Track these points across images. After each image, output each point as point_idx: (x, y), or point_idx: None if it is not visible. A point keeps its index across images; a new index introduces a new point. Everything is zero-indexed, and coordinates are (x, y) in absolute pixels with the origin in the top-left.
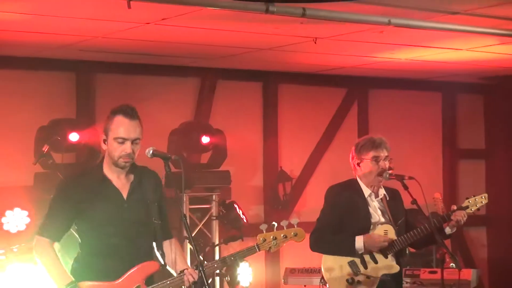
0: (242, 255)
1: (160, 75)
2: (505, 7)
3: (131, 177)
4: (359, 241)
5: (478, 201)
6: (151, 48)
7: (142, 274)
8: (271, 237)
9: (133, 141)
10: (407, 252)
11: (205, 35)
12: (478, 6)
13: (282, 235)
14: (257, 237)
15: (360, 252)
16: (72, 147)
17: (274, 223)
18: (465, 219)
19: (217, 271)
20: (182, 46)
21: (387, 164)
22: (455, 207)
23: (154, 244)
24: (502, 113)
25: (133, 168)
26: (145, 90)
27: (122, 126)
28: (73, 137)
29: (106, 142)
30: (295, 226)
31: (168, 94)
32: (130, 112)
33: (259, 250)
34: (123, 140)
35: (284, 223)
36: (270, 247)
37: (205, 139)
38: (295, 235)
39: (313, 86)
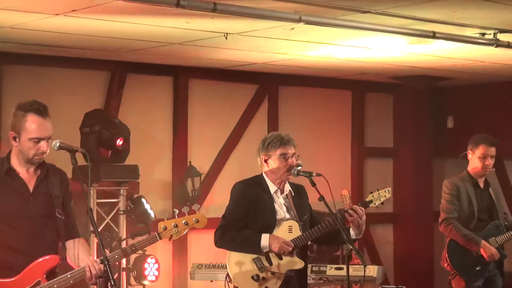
0: (143, 244)
1: (70, 67)
2: (413, 8)
3: (38, 171)
4: (265, 239)
5: (382, 195)
6: (61, 40)
7: (43, 269)
8: (172, 224)
9: (48, 139)
10: (313, 248)
11: (115, 28)
12: (387, 6)
13: (183, 221)
14: (158, 225)
15: (265, 251)
16: None
17: (175, 209)
18: (362, 216)
19: (124, 266)
20: (92, 39)
21: (294, 160)
22: (358, 204)
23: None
24: (410, 112)
25: (41, 164)
26: (54, 82)
27: (36, 125)
28: None
29: (17, 140)
30: (197, 212)
31: (78, 86)
32: (42, 110)
33: (161, 239)
34: (39, 140)
35: (185, 209)
36: (171, 235)
37: (120, 141)
38: (197, 221)
39: (224, 81)
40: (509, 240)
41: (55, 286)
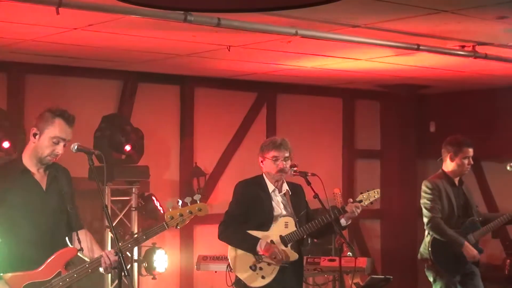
0: (152, 233)
1: (86, 76)
2: (399, 22)
3: (47, 171)
4: (262, 245)
5: (371, 196)
6: (78, 52)
7: (62, 260)
8: (178, 214)
9: (65, 143)
10: (308, 242)
11: (127, 41)
12: (375, 21)
13: (187, 211)
14: (165, 215)
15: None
16: None
17: (178, 200)
18: (358, 211)
19: (136, 258)
20: (107, 51)
21: (285, 164)
22: (351, 200)
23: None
24: (396, 117)
25: (50, 163)
26: (72, 91)
27: (61, 129)
28: (5, 144)
29: (37, 137)
30: (198, 201)
31: (93, 94)
32: (71, 120)
33: (168, 228)
34: (58, 141)
35: (187, 199)
36: (177, 224)
37: (128, 147)
38: (200, 210)
39: (226, 90)
40: (484, 234)
41: (75, 275)
